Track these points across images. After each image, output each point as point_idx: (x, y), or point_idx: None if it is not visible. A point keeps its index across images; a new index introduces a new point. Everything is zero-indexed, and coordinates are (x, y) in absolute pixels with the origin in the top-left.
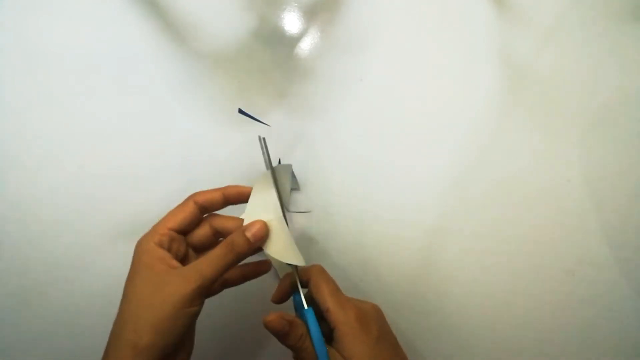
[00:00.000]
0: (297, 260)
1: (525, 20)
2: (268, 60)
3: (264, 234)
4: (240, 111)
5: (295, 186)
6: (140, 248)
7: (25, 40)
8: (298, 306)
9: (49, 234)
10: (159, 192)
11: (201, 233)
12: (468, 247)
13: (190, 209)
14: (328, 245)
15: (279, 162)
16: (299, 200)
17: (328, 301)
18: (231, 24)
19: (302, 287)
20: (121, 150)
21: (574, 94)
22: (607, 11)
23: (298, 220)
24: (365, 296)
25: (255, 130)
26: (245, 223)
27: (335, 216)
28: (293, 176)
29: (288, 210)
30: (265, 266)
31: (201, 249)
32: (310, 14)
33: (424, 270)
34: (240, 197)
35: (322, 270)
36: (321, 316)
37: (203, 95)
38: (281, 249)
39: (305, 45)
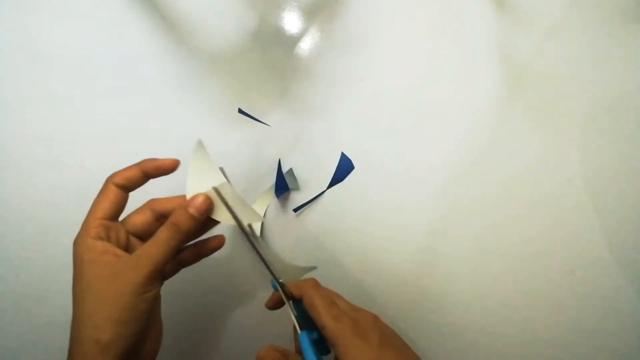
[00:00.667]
0: (252, 218)
1: (525, 20)
2: (268, 60)
3: (208, 206)
4: (240, 111)
5: (295, 186)
6: (78, 247)
7: (25, 40)
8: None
9: (48, 234)
10: (159, 192)
11: (142, 219)
12: (468, 247)
13: (113, 192)
14: (329, 245)
15: (279, 162)
16: (299, 200)
17: (323, 317)
18: (231, 24)
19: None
20: (122, 150)
21: (575, 94)
22: (608, 11)
23: (299, 219)
24: (365, 296)
25: (255, 130)
26: (188, 197)
27: (336, 216)
28: (293, 176)
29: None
30: (216, 241)
31: (146, 236)
32: (310, 14)
33: (424, 270)
34: (160, 170)
35: (315, 285)
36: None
37: (203, 95)
38: (230, 214)
39: (306, 45)
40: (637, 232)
